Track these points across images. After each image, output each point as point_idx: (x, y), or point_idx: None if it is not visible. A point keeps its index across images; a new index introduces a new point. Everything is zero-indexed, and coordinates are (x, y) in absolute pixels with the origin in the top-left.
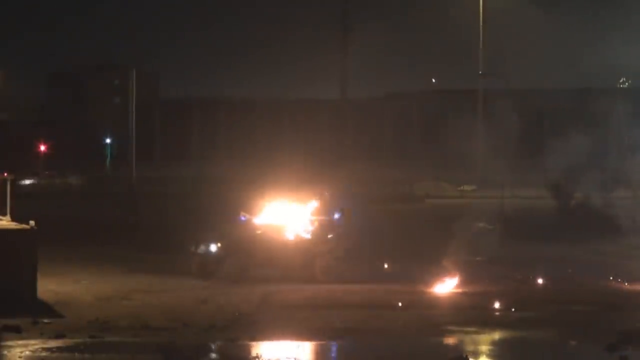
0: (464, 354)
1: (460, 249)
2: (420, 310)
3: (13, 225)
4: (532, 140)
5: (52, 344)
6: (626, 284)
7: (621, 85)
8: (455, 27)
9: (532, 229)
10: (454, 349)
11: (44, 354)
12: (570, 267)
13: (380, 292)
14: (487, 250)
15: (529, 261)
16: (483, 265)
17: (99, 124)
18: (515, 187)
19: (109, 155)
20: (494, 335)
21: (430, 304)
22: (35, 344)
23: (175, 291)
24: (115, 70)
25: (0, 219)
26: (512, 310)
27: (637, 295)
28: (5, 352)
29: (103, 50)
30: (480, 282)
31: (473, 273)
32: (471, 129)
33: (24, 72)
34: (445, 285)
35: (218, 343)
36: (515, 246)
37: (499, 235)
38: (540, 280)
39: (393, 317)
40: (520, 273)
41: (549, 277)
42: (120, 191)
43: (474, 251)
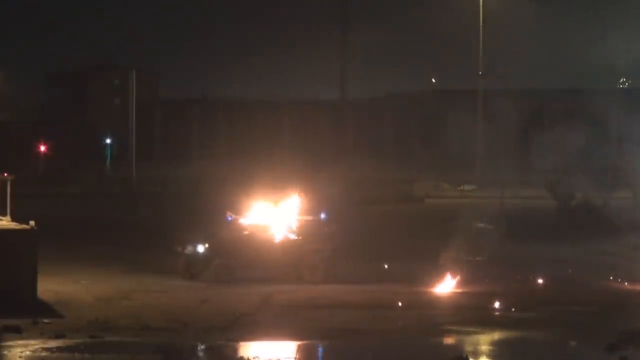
0: (464, 354)
1: (460, 249)
2: (420, 310)
3: (13, 225)
4: (532, 140)
5: (52, 344)
6: (626, 284)
7: (621, 86)
8: (455, 27)
9: (532, 229)
10: (454, 349)
11: (44, 354)
12: (570, 267)
13: (380, 292)
14: (487, 250)
15: (529, 261)
16: (483, 266)
17: (99, 124)
18: (515, 187)
19: (109, 156)
20: (494, 335)
21: (430, 304)
22: (35, 344)
23: (175, 291)
24: (115, 70)
25: (0, 219)
26: (512, 310)
27: (637, 295)
28: (5, 352)
29: (103, 50)
30: (480, 282)
31: (473, 273)
32: (471, 129)
33: (23, 73)
34: (445, 286)
35: (218, 343)
36: (515, 246)
37: (498, 235)
38: (540, 280)
39: (393, 317)
40: (520, 273)
41: (549, 277)
42: (120, 191)
43: (473, 251)
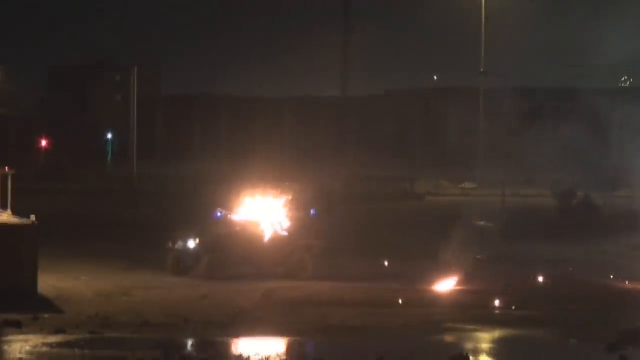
0: (464, 352)
1: (460, 247)
2: (420, 308)
3: (14, 220)
4: (531, 139)
5: (53, 339)
6: (627, 283)
7: (622, 84)
8: (456, 25)
9: (533, 227)
10: (454, 347)
11: (44, 349)
12: (570, 266)
13: (380, 290)
14: (488, 248)
15: (530, 260)
16: (483, 264)
17: (100, 121)
18: (515, 187)
19: (110, 153)
20: (494, 334)
21: (431, 302)
22: (35, 339)
23: (175, 288)
24: (116, 67)
25: (1, 214)
26: (513, 308)
27: (638, 295)
28: (6, 347)
29: (104, 48)
30: (481, 281)
31: (473, 271)
32: (472, 126)
33: (24, 70)
34: (446, 283)
35: (218, 339)
36: (515, 245)
37: (499, 233)
38: (540, 279)
39: (393, 315)
40: (521, 272)
41: (550, 276)
42: (121, 188)
43: (474, 249)
